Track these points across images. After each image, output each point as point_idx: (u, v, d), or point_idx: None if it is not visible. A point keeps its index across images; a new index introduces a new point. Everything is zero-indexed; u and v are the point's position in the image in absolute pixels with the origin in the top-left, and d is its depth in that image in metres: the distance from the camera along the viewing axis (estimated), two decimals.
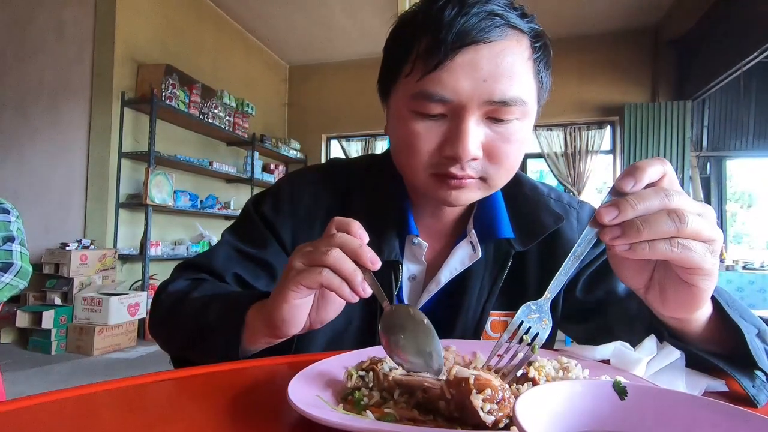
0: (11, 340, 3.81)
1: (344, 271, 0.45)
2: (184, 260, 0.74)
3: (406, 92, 0.58)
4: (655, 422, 0.31)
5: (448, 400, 0.35)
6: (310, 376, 0.43)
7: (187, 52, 4.90)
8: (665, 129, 5.26)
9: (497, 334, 0.68)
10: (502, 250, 0.69)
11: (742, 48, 3.99)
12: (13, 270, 1.74)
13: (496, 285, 0.68)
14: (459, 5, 0.54)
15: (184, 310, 0.62)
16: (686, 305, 0.45)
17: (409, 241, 0.70)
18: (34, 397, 0.41)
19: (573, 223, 0.72)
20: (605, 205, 0.41)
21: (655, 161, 0.42)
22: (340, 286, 0.46)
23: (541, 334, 0.44)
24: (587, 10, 5.19)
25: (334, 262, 0.45)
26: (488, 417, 0.32)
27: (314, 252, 0.47)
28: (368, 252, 0.46)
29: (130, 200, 4.17)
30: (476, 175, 0.59)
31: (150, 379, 0.48)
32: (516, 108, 0.56)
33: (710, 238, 0.40)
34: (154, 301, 0.69)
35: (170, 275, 0.72)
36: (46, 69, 4.31)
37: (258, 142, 5.69)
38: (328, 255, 0.45)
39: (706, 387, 0.45)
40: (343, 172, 0.76)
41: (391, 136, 0.66)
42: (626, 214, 0.40)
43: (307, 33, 5.91)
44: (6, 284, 1.71)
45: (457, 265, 0.68)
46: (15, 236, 1.80)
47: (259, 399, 0.43)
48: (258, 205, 0.74)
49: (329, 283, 0.46)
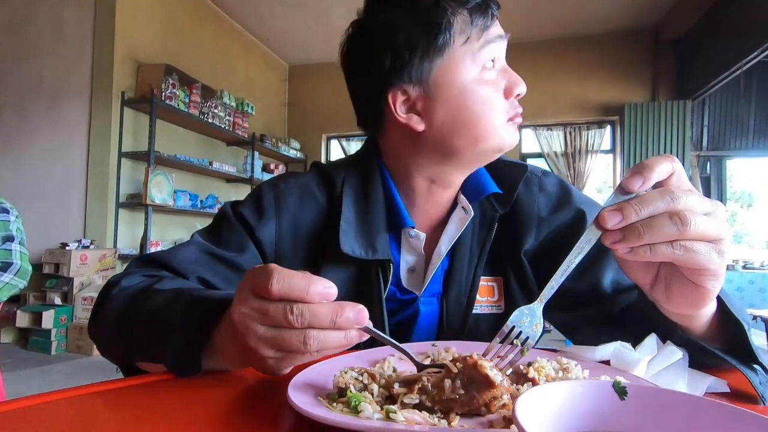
0: (11, 340, 3.81)
1: (333, 346, 0.39)
2: (141, 254, 0.67)
3: (469, 53, 0.63)
4: (655, 422, 0.31)
5: (454, 376, 0.36)
6: (310, 376, 0.43)
7: (187, 52, 4.90)
8: (665, 128, 5.26)
9: (485, 298, 0.71)
10: (487, 214, 0.71)
11: (742, 48, 3.99)
12: (13, 269, 1.74)
13: (485, 249, 0.70)
14: None
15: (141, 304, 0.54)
16: (692, 303, 0.45)
17: (405, 234, 0.71)
18: (34, 397, 0.41)
19: (534, 190, 0.73)
20: (609, 209, 0.40)
21: (663, 159, 0.41)
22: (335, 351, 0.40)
23: (531, 338, 0.44)
24: (587, 10, 5.19)
25: (319, 347, 0.38)
26: (497, 376, 0.34)
27: (282, 339, 0.38)
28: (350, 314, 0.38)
29: (130, 200, 4.16)
30: None
31: (150, 379, 0.48)
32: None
33: (716, 237, 0.40)
34: (102, 295, 0.60)
35: (125, 269, 0.65)
36: (46, 69, 4.31)
37: (258, 141, 5.69)
38: (308, 345, 0.38)
39: (707, 387, 0.45)
40: (327, 175, 0.74)
41: (443, 113, 0.64)
42: (629, 218, 0.39)
43: (307, 33, 5.91)
44: (6, 284, 1.71)
45: (453, 231, 0.70)
46: (14, 236, 1.80)
47: (259, 399, 0.43)
48: (237, 208, 0.70)
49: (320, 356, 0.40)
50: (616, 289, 0.67)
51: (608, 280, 0.68)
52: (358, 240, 0.67)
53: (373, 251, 0.67)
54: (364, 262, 0.67)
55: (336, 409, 0.36)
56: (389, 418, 0.34)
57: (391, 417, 0.34)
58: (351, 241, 0.66)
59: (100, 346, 0.59)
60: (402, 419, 0.34)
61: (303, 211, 0.71)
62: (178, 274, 0.63)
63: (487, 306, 0.71)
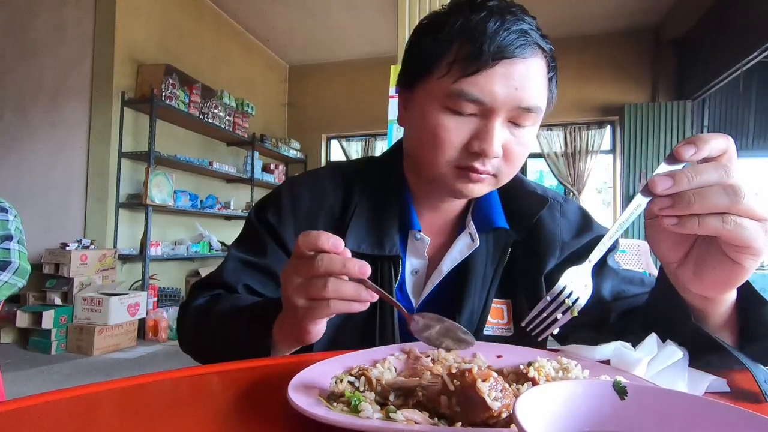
0: (11, 340, 3.81)
1: (347, 295, 0.48)
2: (197, 280, 0.78)
3: (440, 90, 0.62)
4: (655, 422, 0.30)
5: (450, 393, 0.35)
6: (310, 376, 0.43)
7: (187, 52, 4.90)
8: (665, 129, 5.26)
9: (495, 320, 0.73)
10: (501, 240, 0.74)
11: (742, 48, 3.99)
12: (11, 268, 1.74)
13: (497, 273, 0.73)
14: (500, 20, 0.59)
15: (209, 325, 0.66)
16: (723, 284, 0.44)
17: (411, 237, 0.73)
18: (34, 397, 0.41)
19: (556, 215, 0.76)
20: (660, 175, 0.39)
21: (719, 136, 0.41)
22: (350, 306, 0.49)
23: (582, 298, 0.45)
24: (587, 10, 5.19)
25: (335, 294, 0.47)
26: (495, 403, 0.33)
27: (310, 286, 0.48)
28: (355, 264, 0.47)
29: (130, 200, 4.16)
30: (492, 171, 0.64)
31: (150, 379, 0.48)
32: (534, 115, 0.62)
33: (763, 217, 0.40)
34: (179, 321, 0.73)
35: (187, 296, 0.76)
36: (46, 69, 4.30)
37: (258, 142, 5.69)
38: (327, 289, 0.47)
39: (707, 387, 0.45)
40: (341, 172, 0.78)
41: (412, 127, 0.69)
42: (681, 185, 0.39)
43: (307, 33, 5.91)
44: (4, 282, 1.71)
45: (457, 255, 0.72)
46: (13, 235, 1.80)
47: (259, 399, 0.43)
48: (261, 213, 0.76)
49: (339, 310, 0.49)
50: (616, 297, 0.70)
51: (608, 288, 0.71)
52: (368, 238, 0.70)
53: (380, 248, 0.70)
54: (373, 258, 0.69)
55: (336, 408, 0.36)
56: (389, 418, 0.34)
57: (391, 417, 0.34)
58: (359, 238, 0.70)
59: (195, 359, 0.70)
60: (402, 419, 0.34)
61: (318, 206, 0.74)
62: (228, 287, 0.72)
63: (497, 329, 0.73)
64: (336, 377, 0.41)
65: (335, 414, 0.34)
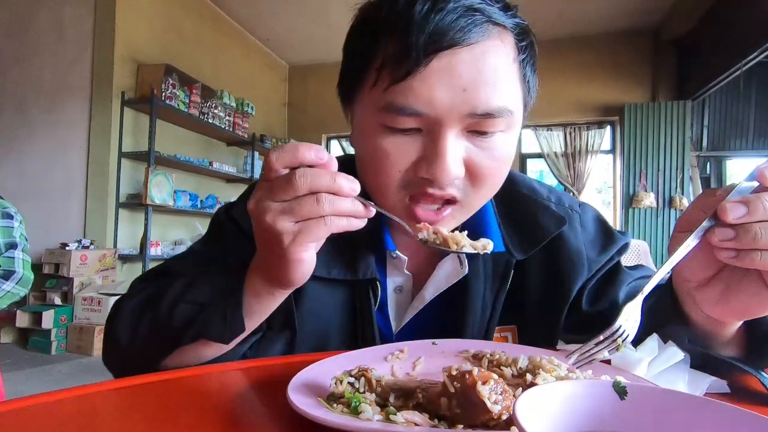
0: (11, 340, 3.81)
1: (345, 211, 0.42)
2: (142, 273, 0.68)
3: (372, 103, 0.50)
4: (655, 422, 0.30)
5: (450, 395, 0.35)
6: (310, 376, 0.42)
7: (187, 52, 4.90)
8: (665, 129, 5.26)
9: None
10: (501, 261, 0.62)
11: (742, 48, 3.99)
12: (15, 278, 1.74)
13: (499, 300, 0.62)
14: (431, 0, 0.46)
15: (162, 303, 0.52)
16: (750, 313, 0.41)
17: (389, 255, 0.64)
18: (34, 397, 0.41)
19: (577, 228, 0.66)
20: (734, 201, 0.35)
21: None
22: (349, 223, 0.43)
23: (631, 334, 0.42)
24: (587, 10, 5.18)
25: (333, 210, 0.41)
26: (495, 407, 0.33)
27: (298, 206, 0.41)
28: (344, 181, 0.41)
29: (130, 200, 4.16)
30: (457, 194, 0.52)
31: (150, 379, 0.48)
32: (501, 120, 0.49)
33: None
34: (112, 317, 0.57)
35: (128, 290, 0.62)
36: (46, 69, 4.30)
37: (258, 142, 5.69)
38: (321, 205, 0.41)
39: (708, 387, 0.45)
40: None
41: (356, 148, 0.58)
42: (755, 214, 0.34)
43: (307, 33, 5.91)
44: (6, 292, 1.72)
45: (442, 281, 0.62)
46: (18, 242, 1.80)
47: (259, 399, 0.43)
48: (229, 212, 0.68)
49: (339, 227, 0.42)
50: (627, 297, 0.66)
51: (623, 295, 0.65)
52: (338, 261, 0.61)
53: (354, 272, 0.60)
54: (350, 283, 0.62)
55: (336, 409, 0.36)
56: (389, 420, 0.34)
57: (391, 418, 0.34)
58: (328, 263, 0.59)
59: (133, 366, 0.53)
60: (402, 420, 0.34)
61: None
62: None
63: None
64: (336, 378, 0.40)
65: (335, 415, 0.34)
